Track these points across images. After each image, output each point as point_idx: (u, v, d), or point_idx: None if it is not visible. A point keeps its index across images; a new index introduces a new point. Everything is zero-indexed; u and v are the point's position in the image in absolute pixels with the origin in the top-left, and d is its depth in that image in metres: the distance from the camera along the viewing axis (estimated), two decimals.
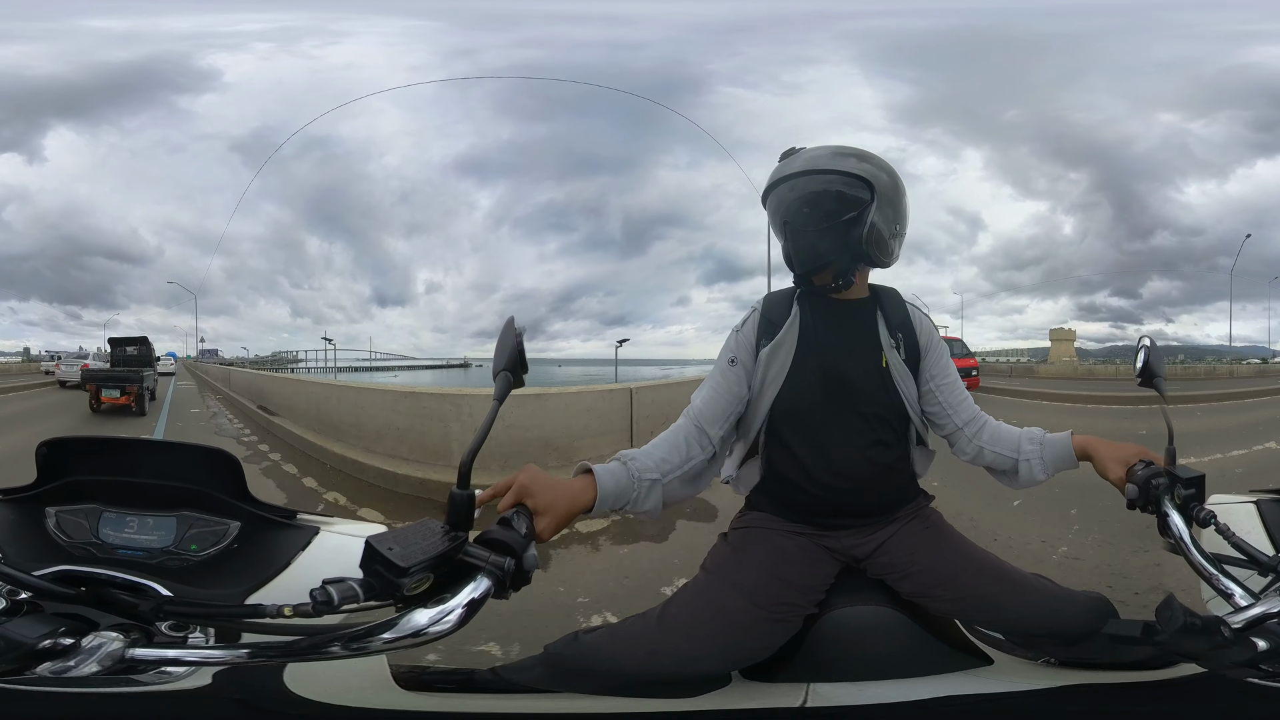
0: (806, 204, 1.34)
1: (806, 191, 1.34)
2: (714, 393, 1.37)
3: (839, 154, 1.35)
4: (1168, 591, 0.97)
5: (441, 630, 0.82)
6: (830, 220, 1.33)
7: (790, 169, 1.37)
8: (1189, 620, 0.91)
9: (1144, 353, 1.37)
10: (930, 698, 1.23)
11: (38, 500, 1.30)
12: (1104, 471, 1.25)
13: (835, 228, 1.33)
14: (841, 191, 1.33)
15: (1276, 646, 0.92)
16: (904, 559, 1.33)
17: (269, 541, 1.31)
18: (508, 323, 1.09)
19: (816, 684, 1.25)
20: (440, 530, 0.88)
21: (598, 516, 1.21)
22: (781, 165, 1.39)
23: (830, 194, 1.33)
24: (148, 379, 12.60)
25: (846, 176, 1.33)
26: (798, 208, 1.35)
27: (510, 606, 0.93)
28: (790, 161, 1.38)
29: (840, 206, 1.33)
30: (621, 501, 1.21)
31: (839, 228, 1.33)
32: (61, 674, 0.78)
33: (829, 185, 1.34)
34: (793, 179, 1.36)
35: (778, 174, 1.38)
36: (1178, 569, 1.15)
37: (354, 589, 0.80)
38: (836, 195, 1.33)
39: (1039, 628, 1.26)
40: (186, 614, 1.00)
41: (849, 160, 1.34)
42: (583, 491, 1.16)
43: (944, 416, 1.43)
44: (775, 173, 1.39)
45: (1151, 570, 3.45)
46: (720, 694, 1.23)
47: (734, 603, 1.25)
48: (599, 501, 1.17)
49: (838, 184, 1.33)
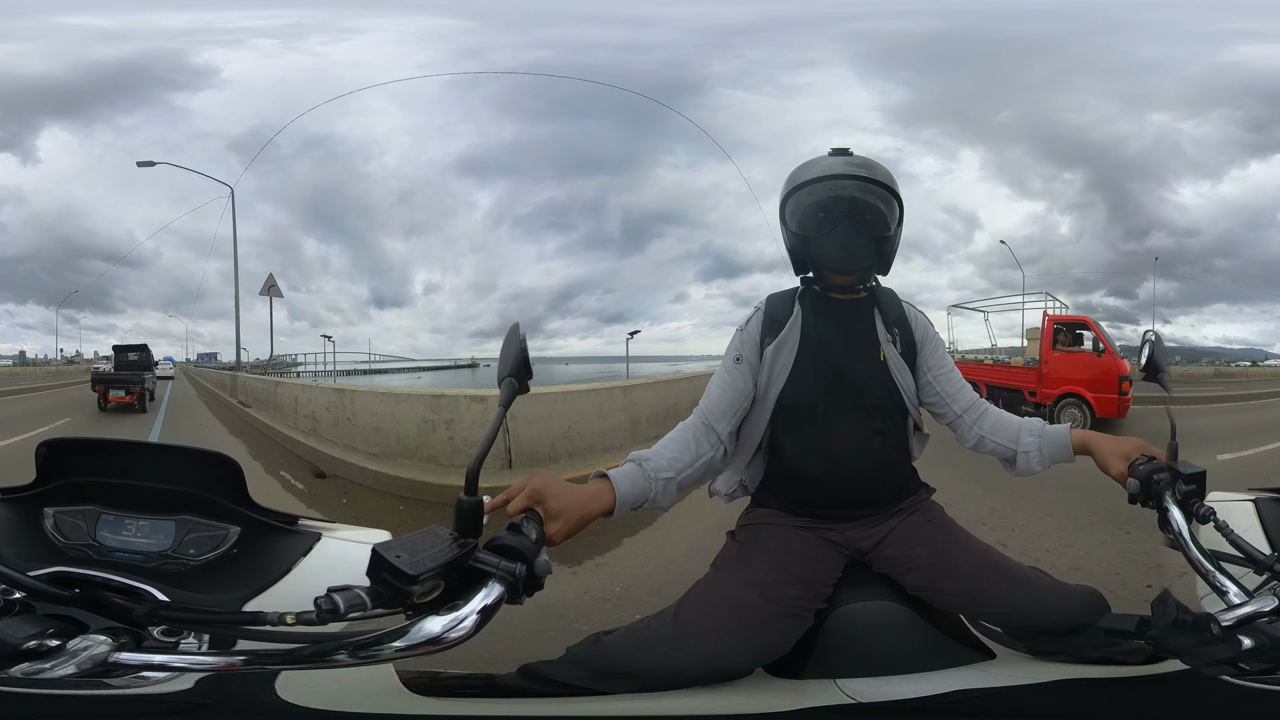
0: (867, 211, 1.37)
1: (864, 197, 1.37)
2: (721, 390, 1.40)
3: (885, 169, 1.39)
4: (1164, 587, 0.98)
5: (456, 637, 0.80)
6: (879, 231, 1.38)
7: (849, 169, 1.37)
8: (1180, 616, 0.92)
9: (1148, 347, 1.38)
10: (952, 690, 1.22)
11: (36, 500, 1.28)
12: (1105, 466, 1.27)
13: (884, 239, 1.39)
14: (887, 206, 1.38)
15: (1261, 645, 0.92)
16: (906, 552, 1.35)
17: (269, 547, 1.28)
18: (512, 329, 1.08)
19: (844, 679, 1.23)
20: (449, 537, 0.86)
21: (617, 517, 1.21)
22: (835, 161, 1.39)
23: (881, 206, 1.38)
24: (148, 380, 13.63)
25: (891, 192, 1.38)
26: (853, 210, 1.36)
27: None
28: (847, 161, 1.38)
29: (888, 219, 1.39)
30: (640, 501, 1.24)
31: (887, 240, 1.39)
32: (35, 675, 0.76)
33: (883, 198, 1.38)
34: (853, 180, 1.36)
35: (827, 169, 1.38)
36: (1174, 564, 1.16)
37: (361, 597, 0.78)
38: (886, 208, 1.38)
39: (1035, 621, 1.27)
40: (181, 619, 0.98)
41: (888, 176, 1.39)
42: (599, 496, 1.17)
43: (943, 406, 1.46)
44: (824, 167, 1.39)
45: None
46: (752, 693, 1.22)
47: (746, 599, 1.26)
48: (619, 504, 1.19)
49: (889, 197, 1.38)
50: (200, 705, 1.08)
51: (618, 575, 3.78)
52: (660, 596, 1.62)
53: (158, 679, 1.05)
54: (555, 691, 1.19)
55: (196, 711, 1.09)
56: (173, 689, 1.05)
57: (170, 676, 1.05)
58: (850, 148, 1.42)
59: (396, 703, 1.16)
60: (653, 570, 3.82)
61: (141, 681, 1.05)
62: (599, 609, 3.25)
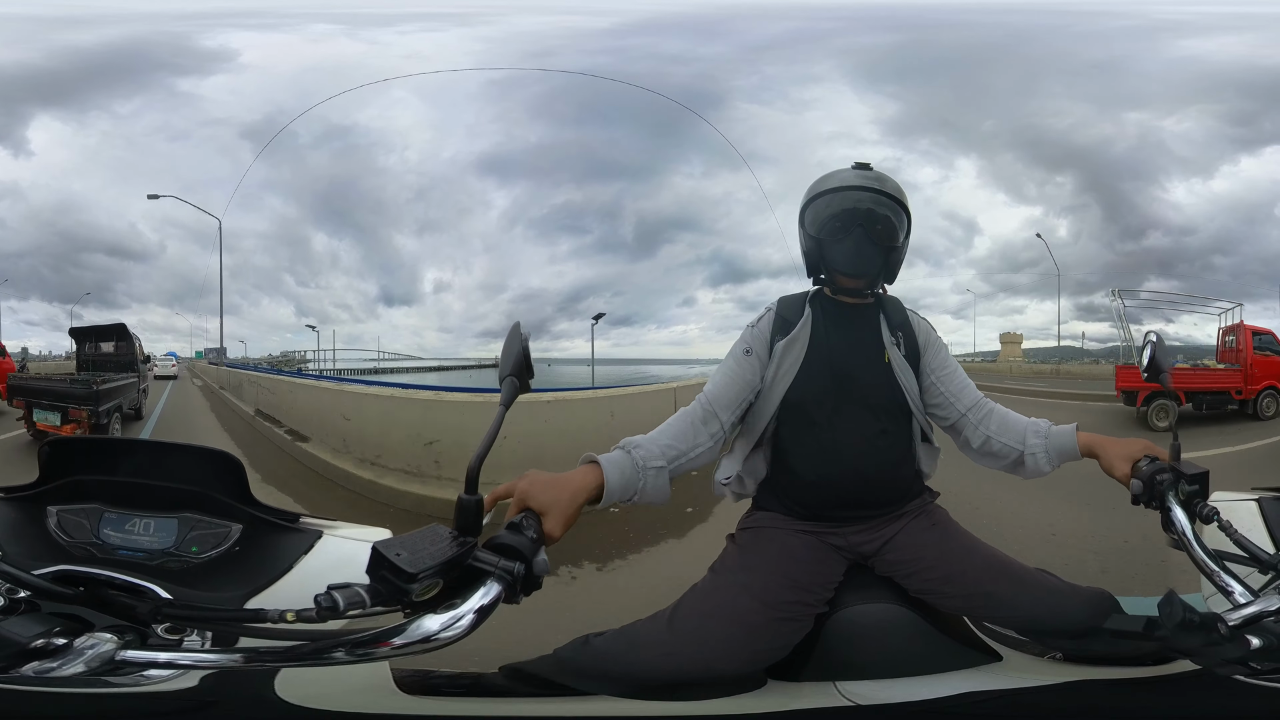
0: (877, 222, 1.45)
1: (877, 209, 1.45)
2: (728, 379, 1.42)
3: (898, 185, 1.47)
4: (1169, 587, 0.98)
5: (452, 636, 0.81)
6: (888, 241, 1.46)
7: (867, 182, 1.45)
8: (1187, 616, 0.92)
9: (1150, 348, 1.37)
10: (957, 693, 1.21)
11: (39, 499, 1.29)
12: (1109, 468, 1.27)
13: (892, 248, 1.47)
14: (898, 219, 1.46)
15: (1269, 644, 0.92)
16: (911, 556, 1.35)
17: (271, 545, 1.29)
18: (514, 328, 1.09)
19: (843, 682, 1.23)
20: (448, 536, 0.86)
21: (605, 507, 1.19)
22: (855, 174, 1.47)
23: (892, 219, 1.46)
24: (125, 390, 8.31)
25: (902, 207, 1.46)
26: (867, 219, 1.44)
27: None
28: (866, 175, 1.47)
29: (897, 231, 1.47)
30: (628, 493, 1.22)
31: (895, 249, 1.47)
32: (45, 674, 0.77)
33: (894, 211, 1.46)
34: (870, 193, 1.44)
35: (847, 181, 1.46)
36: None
37: (360, 595, 0.79)
38: (896, 220, 1.46)
39: (1043, 623, 1.27)
40: (184, 617, 0.98)
41: (900, 191, 1.47)
42: (586, 483, 1.15)
43: (947, 406, 1.47)
44: (845, 178, 1.46)
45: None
46: (750, 695, 1.22)
47: (745, 603, 1.25)
48: (606, 494, 1.17)
49: (900, 211, 1.46)
50: (205, 703, 1.09)
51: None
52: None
53: (162, 676, 1.06)
54: (538, 691, 1.19)
55: (203, 709, 1.10)
56: (177, 686, 1.06)
57: (174, 674, 1.05)
58: (870, 163, 1.50)
59: (389, 702, 1.17)
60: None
61: (146, 679, 1.06)
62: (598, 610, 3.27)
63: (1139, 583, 3.38)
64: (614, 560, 4.12)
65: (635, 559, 4.18)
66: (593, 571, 3.94)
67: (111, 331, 9.92)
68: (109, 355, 9.63)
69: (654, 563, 4.13)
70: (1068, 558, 3.95)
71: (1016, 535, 4.16)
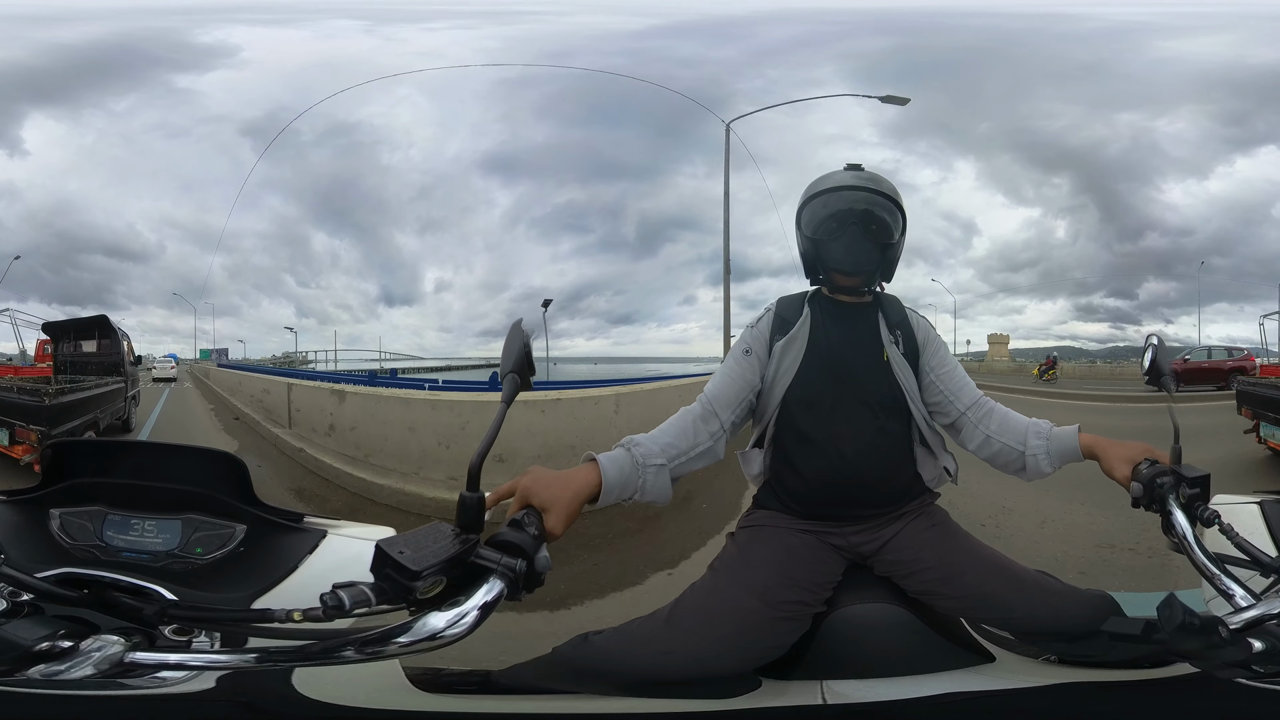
0: (873, 221, 1.47)
1: (872, 208, 1.47)
2: (728, 378, 1.43)
3: (891, 185, 1.50)
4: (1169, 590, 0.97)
5: (456, 633, 0.81)
6: (883, 239, 1.48)
7: (861, 182, 1.48)
8: (1188, 619, 0.91)
9: (1151, 350, 1.36)
10: (940, 694, 1.21)
11: (42, 502, 1.29)
12: (1110, 470, 1.26)
13: (888, 246, 1.48)
14: (892, 217, 1.48)
15: (1272, 648, 0.91)
16: (910, 556, 1.35)
17: (275, 545, 1.29)
18: (515, 325, 1.09)
19: (830, 681, 1.23)
20: (451, 533, 0.87)
21: (604, 505, 1.19)
22: (849, 175, 1.50)
23: (887, 218, 1.48)
24: (104, 399, 6.61)
25: (896, 205, 1.48)
26: (862, 218, 1.46)
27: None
28: (859, 175, 1.50)
29: (892, 229, 1.49)
30: (628, 491, 1.22)
31: (891, 246, 1.49)
32: (53, 676, 0.77)
33: (889, 210, 1.48)
34: (864, 192, 1.47)
35: (841, 181, 1.49)
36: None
37: (365, 593, 0.79)
38: (891, 219, 1.48)
39: (1043, 625, 1.26)
40: (191, 618, 0.99)
41: (893, 190, 1.50)
42: (588, 480, 1.16)
43: (947, 404, 1.47)
44: (839, 179, 1.49)
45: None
46: (731, 693, 1.22)
47: (744, 602, 1.25)
48: (604, 492, 1.18)
49: (894, 209, 1.48)
50: (229, 702, 1.09)
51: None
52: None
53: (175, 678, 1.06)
54: (539, 690, 1.20)
55: (228, 709, 1.10)
56: (196, 688, 1.06)
57: (188, 675, 1.05)
58: (862, 164, 1.54)
59: (404, 699, 1.17)
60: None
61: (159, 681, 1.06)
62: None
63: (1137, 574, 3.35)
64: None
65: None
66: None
67: (92, 326, 7.89)
68: (90, 356, 7.69)
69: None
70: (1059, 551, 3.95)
71: (1010, 526, 4.15)
